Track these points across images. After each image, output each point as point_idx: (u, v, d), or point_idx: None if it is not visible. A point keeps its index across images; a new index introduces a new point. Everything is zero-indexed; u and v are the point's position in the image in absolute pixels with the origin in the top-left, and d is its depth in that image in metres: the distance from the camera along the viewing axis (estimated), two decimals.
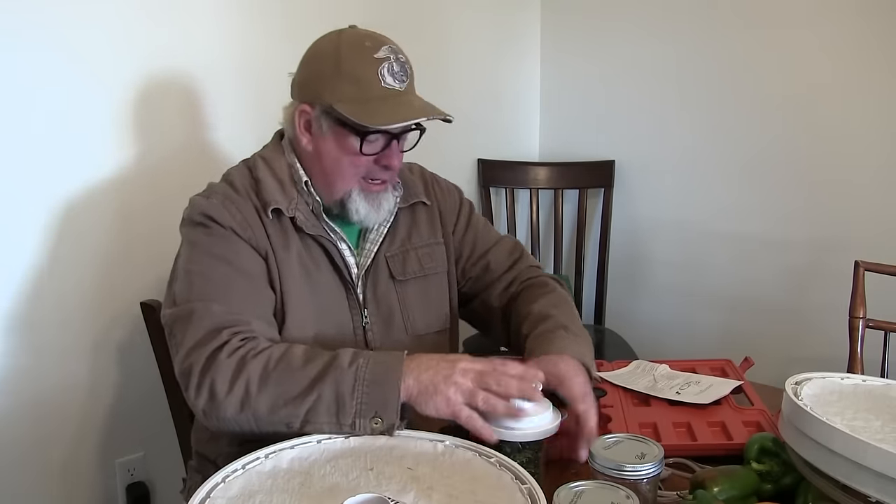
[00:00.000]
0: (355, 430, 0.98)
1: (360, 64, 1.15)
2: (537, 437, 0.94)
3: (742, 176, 2.07)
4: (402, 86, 1.16)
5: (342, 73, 1.15)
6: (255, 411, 1.01)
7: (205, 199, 1.18)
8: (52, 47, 1.46)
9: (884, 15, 1.78)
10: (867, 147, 1.84)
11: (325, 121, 1.17)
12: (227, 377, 1.02)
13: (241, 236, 1.15)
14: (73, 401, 1.57)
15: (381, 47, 1.16)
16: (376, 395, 0.98)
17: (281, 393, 1.00)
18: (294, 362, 1.03)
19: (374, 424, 0.98)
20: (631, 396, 1.24)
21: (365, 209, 1.20)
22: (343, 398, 0.98)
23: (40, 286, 1.49)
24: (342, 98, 1.15)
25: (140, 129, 1.59)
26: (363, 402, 0.98)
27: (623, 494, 0.78)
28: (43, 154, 1.47)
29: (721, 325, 2.15)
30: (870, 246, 1.74)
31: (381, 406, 0.98)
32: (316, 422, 0.99)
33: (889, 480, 0.75)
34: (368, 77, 1.14)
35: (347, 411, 0.98)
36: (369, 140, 1.16)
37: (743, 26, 2.01)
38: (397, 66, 1.16)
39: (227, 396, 1.01)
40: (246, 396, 1.01)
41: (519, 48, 2.41)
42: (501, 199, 2.39)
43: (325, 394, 0.99)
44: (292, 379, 1.01)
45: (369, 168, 1.19)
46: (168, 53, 1.60)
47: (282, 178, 1.21)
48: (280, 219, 1.19)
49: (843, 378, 1.00)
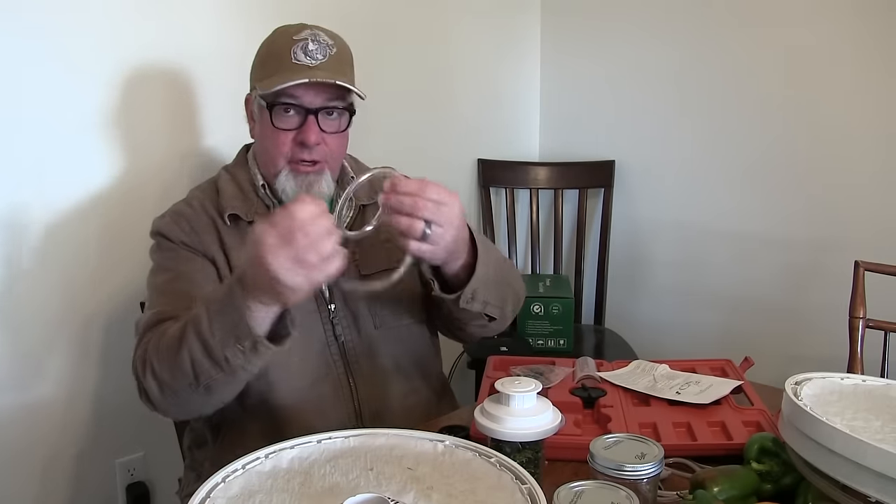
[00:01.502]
0: (231, 363, 1.00)
1: (278, 45, 1.22)
2: (537, 437, 0.94)
3: (742, 176, 2.07)
4: (312, 62, 1.19)
5: (263, 56, 1.24)
6: (166, 385, 1.07)
7: (159, 219, 1.27)
8: (37, 52, 1.45)
9: (883, 16, 1.78)
10: (867, 147, 1.84)
11: (255, 104, 1.25)
12: (140, 366, 1.10)
13: (187, 244, 1.23)
14: (73, 401, 1.57)
15: (304, 31, 1.21)
16: (228, 321, 0.98)
17: (170, 358, 1.05)
18: (169, 330, 1.08)
19: (240, 349, 0.99)
20: (631, 396, 1.24)
21: (292, 189, 1.22)
22: (205, 338, 1.00)
23: (39, 287, 1.49)
24: (260, 77, 1.23)
25: (128, 133, 1.58)
26: (221, 333, 0.99)
27: (623, 494, 0.78)
28: (32, 157, 1.46)
29: (721, 325, 2.15)
30: (870, 246, 1.74)
31: (235, 328, 0.98)
32: (202, 370, 1.03)
33: (889, 480, 0.75)
34: (282, 54, 1.20)
35: (215, 347, 1.00)
36: (279, 114, 1.20)
37: (742, 27, 2.01)
38: (313, 45, 1.19)
39: (145, 381, 1.09)
40: (153, 374, 1.08)
41: (519, 48, 2.40)
42: (501, 199, 2.39)
43: (192, 343, 1.01)
44: (171, 343, 1.05)
45: (291, 148, 1.21)
46: (154, 59, 1.59)
47: (242, 185, 1.27)
48: (238, 224, 1.24)
49: (843, 378, 1.00)
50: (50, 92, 1.47)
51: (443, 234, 1.03)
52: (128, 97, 1.56)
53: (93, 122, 1.53)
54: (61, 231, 1.51)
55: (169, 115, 1.64)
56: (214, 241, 1.23)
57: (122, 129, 1.57)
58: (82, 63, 1.50)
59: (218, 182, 1.30)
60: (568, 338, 2.07)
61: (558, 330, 2.06)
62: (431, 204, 1.01)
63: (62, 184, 1.51)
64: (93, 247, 1.55)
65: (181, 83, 1.64)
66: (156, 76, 1.60)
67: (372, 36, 1.96)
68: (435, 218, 1.02)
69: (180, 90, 1.64)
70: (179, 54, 1.62)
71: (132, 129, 1.58)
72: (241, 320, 0.97)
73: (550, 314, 2.06)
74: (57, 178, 1.50)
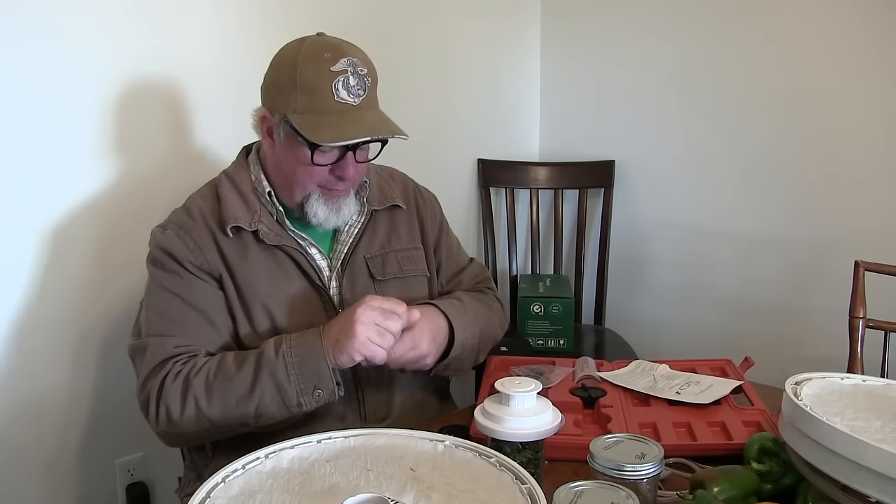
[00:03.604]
0: (303, 407, 1.11)
1: (316, 76, 1.15)
2: (537, 437, 0.94)
3: (742, 176, 2.07)
4: (356, 100, 1.16)
5: (297, 85, 1.16)
6: (210, 422, 1.12)
7: (161, 232, 1.24)
8: (35, 55, 1.45)
9: (883, 16, 1.78)
10: (868, 147, 1.84)
11: (282, 129, 1.20)
12: (177, 400, 1.12)
13: (194, 264, 1.21)
14: (73, 401, 1.57)
15: (340, 59, 1.15)
16: (309, 371, 1.11)
17: (227, 399, 1.11)
18: (230, 369, 1.13)
19: (317, 396, 1.11)
20: (631, 396, 1.24)
21: (324, 213, 1.22)
22: (282, 386, 1.10)
23: (38, 288, 1.49)
24: (296, 109, 1.16)
25: (126, 138, 1.58)
26: (300, 381, 1.10)
27: (623, 494, 0.78)
28: (31, 161, 1.46)
29: (721, 325, 2.15)
30: (870, 246, 1.74)
31: (316, 378, 1.10)
32: (267, 414, 1.12)
33: (889, 480, 0.75)
34: (322, 90, 1.15)
35: (291, 395, 1.10)
36: (321, 151, 1.17)
37: (742, 27, 2.01)
38: (354, 80, 1.15)
39: (181, 416, 1.12)
40: (198, 412, 1.12)
41: (519, 48, 2.40)
42: (501, 199, 2.39)
43: (267, 388, 1.10)
44: (232, 384, 1.11)
45: (325, 178, 1.21)
46: (153, 64, 1.58)
47: (244, 192, 1.25)
48: (241, 235, 1.22)
49: (843, 378, 1.00)
50: (47, 97, 1.46)
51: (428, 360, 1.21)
52: (126, 102, 1.56)
53: (91, 127, 1.52)
54: (62, 233, 1.51)
55: (168, 120, 1.63)
56: (217, 257, 1.22)
57: (120, 133, 1.56)
58: (81, 68, 1.49)
59: (219, 189, 1.26)
60: (568, 338, 2.07)
61: (558, 330, 2.06)
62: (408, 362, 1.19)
63: (60, 185, 1.50)
64: (94, 249, 1.55)
65: (180, 88, 1.63)
66: (154, 81, 1.59)
67: (372, 36, 1.95)
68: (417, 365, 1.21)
69: (179, 95, 1.64)
70: (178, 59, 1.61)
71: (130, 133, 1.57)
72: (324, 371, 1.11)
73: (550, 314, 2.06)
74: (54, 179, 1.50)
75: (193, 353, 1.17)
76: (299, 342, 1.13)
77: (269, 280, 1.21)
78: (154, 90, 1.60)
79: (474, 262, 1.47)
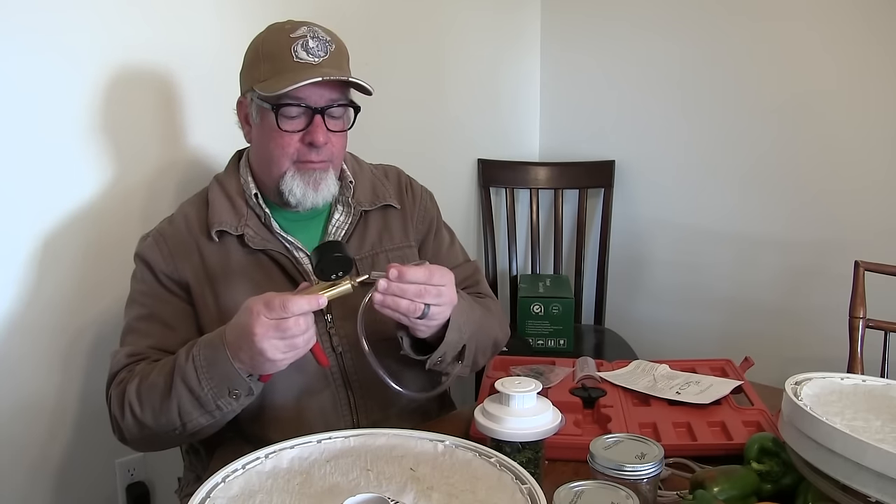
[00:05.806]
0: (224, 410, 1.07)
1: (276, 44, 1.18)
2: (537, 437, 0.94)
3: (742, 176, 2.07)
4: (316, 60, 1.17)
5: (260, 55, 1.19)
6: (148, 427, 1.11)
7: (143, 241, 1.26)
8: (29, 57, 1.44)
9: (884, 17, 1.78)
10: (868, 147, 1.84)
11: (254, 107, 1.21)
12: (118, 406, 1.13)
13: (165, 273, 1.21)
14: (72, 401, 1.57)
15: (300, 27, 1.18)
16: (218, 375, 1.04)
17: (153, 405, 1.09)
18: (151, 375, 1.11)
19: (234, 398, 1.06)
20: (631, 396, 1.24)
21: (300, 189, 1.20)
22: (195, 391, 1.06)
23: (36, 287, 1.49)
24: (260, 78, 1.18)
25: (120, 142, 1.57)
26: (212, 386, 1.05)
27: (623, 494, 0.78)
28: (22, 166, 1.45)
29: (721, 326, 2.15)
30: (870, 246, 1.74)
31: (227, 381, 1.05)
32: (191, 419, 1.08)
33: (889, 480, 0.75)
34: (282, 54, 1.17)
35: (206, 399, 1.06)
36: (285, 115, 1.17)
37: (744, 27, 2.01)
38: (313, 42, 1.17)
39: (123, 422, 1.13)
40: (134, 418, 1.11)
41: (519, 48, 2.41)
42: (501, 199, 2.39)
43: (182, 394, 1.07)
44: (154, 390, 1.09)
45: (297, 147, 1.19)
46: (145, 68, 1.58)
47: (232, 195, 1.25)
48: (225, 240, 1.22)
49: (843, 378, 1.00)
50: (38, 100, 1.45)
51: (441, 313, 1.08)
52: (118, 107, 1.54)
53: (82, 131, 1.51)
54: (54, 238, 1.50)
55: (160, 125, 1.62)
56: (191, 264, 1.21)
57: (112, 138, 1.55)
58: (72, 72, 1.48)
59: (209, 194, 1.26)
60: (568, 338, 2.07)
61: (558, 330, 2.07)
62: (435, 289, 1.05)
63: (52, 190, 1.49)
64: (91, 249, 1.55)
65: (172, 92, 1.63)
66: (147, 86, 1.59)
67: (371, 36, 1.96)
68: (438, 301, 1.06)
69: (171, 99, 1.63)
70: (174, 65, 1.61)
71: (122, 138, 1.56)
72: (233, 374, 1.04)
73: (550, 314, 2.06)
74: (46, 184, 1.49)
75: (141, 359, 1.16)
76: (205, 344, 1.07)
77: (252, 285, 1.19)
78: (148, 96, 1.59)
79: (468, 264, 1.40)
